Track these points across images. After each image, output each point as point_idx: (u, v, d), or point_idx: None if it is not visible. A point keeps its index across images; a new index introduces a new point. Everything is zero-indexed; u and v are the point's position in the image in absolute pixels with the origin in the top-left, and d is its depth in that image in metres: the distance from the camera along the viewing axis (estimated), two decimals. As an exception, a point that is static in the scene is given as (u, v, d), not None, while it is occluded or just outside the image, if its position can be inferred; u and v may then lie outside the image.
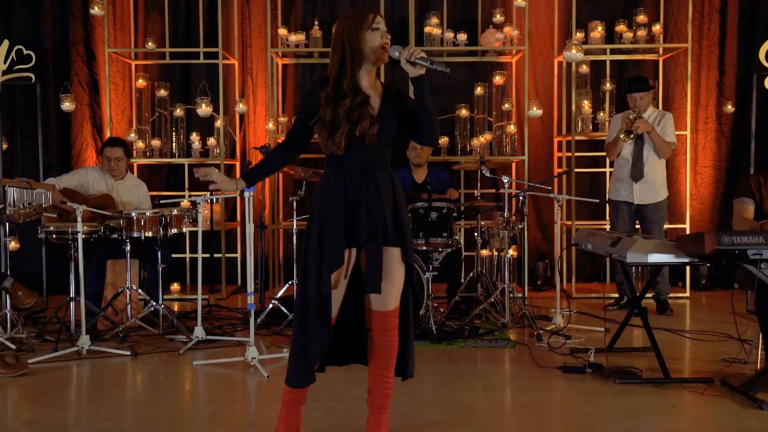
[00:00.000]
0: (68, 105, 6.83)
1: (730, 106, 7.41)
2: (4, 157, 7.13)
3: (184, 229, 5.53)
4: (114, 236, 5.31)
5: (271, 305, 5.68)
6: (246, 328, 5.49)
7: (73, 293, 5.13)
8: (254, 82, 7.80)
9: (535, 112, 6.80)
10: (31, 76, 6.00)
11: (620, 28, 7.19)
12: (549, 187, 5.68)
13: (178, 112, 7.40)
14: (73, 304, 5.19)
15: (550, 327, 5.43)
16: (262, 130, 7.64)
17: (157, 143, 7.37)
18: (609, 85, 7.36)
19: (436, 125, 3.01)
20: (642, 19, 7.17)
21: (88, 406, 3.94)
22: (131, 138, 7.22)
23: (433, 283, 5.46)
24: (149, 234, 5.25)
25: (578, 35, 7.12)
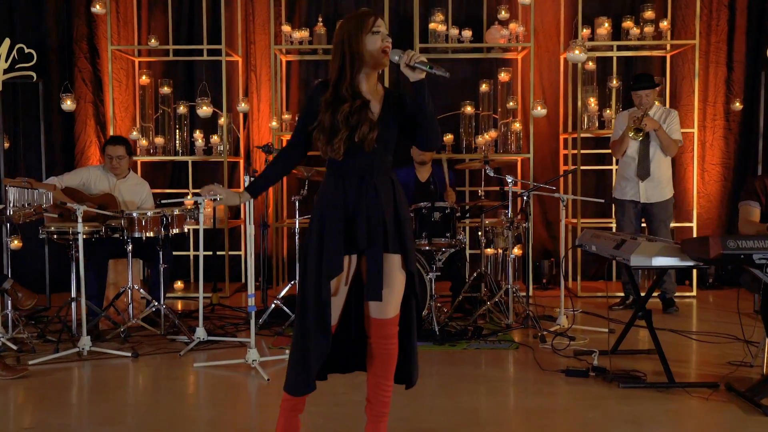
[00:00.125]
0: (69, 104, 6.81)
1: (738, 104, 7.33)
2: (7, 156, 7.11)
3: (186, 229, 5.50)
4: (116, 236, 5.30)
5: (273, 305, 5.66)
6: (249, 327, 5.48)
7: (74, 293, 5.12)
8: (258, 79, 7.75)
9: (539, 112, 6.73)
10: (33, 75, 5.97)
11: (627, 24, 7.10)
12: (554, 188, 5.63)
13: (182, 109, 7.36)
14: (74, 305, 5.18)
15: (554, 328, 5.38)
16: (266, 128, 7.59)
17: (160, 141, 7.34)
18: (615, 82, 7.28)
19: (437, 130, 2.96)
20: (649, 15, 7.08)
21: (87, 410, 3.92)
22: (133, 136, 7.19)
23: (437, 282, 5.43)
24: (150, 234, 5.23)
25: (584, 32, 7.04)
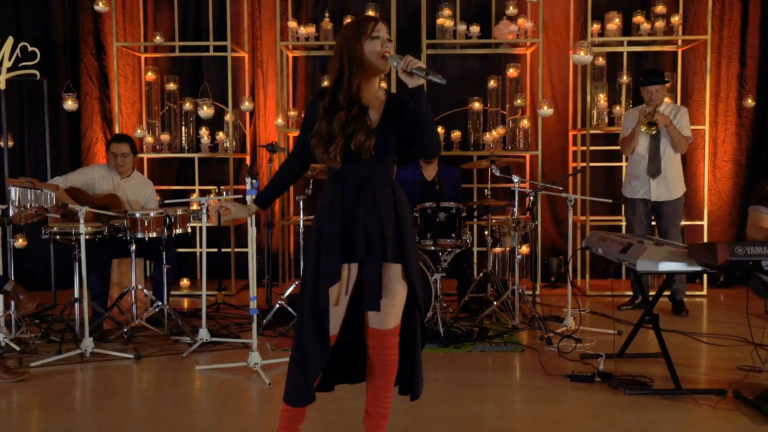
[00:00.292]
0: (70, 104, 6.76)
1: (750, 100, 7.21)
2: (12, 155, 7.10)
3: (189, 229, 5.46)
4: (119, 236, 5.28)
5: (277, 305, 5.62)
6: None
7: (77, 294, 5.09)
8: (265, 75, 7.69)
9: (546, 111, 6.64)
10: (36, 74, 5.96)
11: (638, 19, 6.99)
12: (560, 188, 5.55)
13: (188, 105, 7.32)
14: (77, 305, 5.15)
15: (560, 329, 5.32)
16: (273, 124, 7.53)
17: (166, 137, 7.30)
18: (626, 78, 7.17)
19: (435, 138, 2.88)
20: (660, 9, 6.96)
21: (87, 417, 3.88)
22: (138, 135, 7.15)
23: (443, 279, 5.38)
24: (153, 234, 5.20)
25: (594, 27, 6.94)
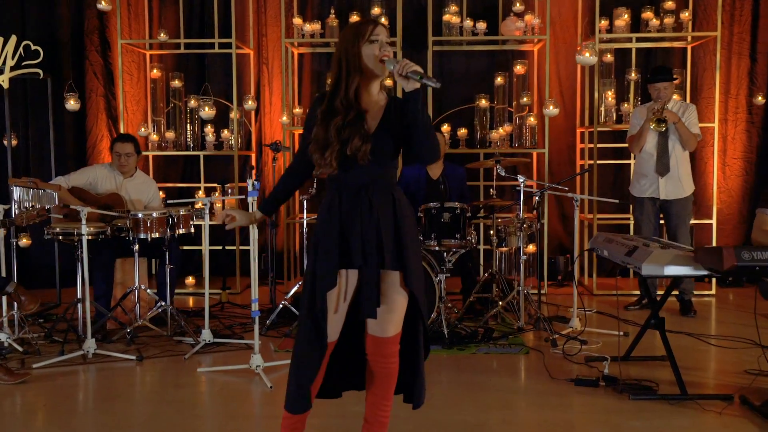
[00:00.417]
0: (73, 104, 6.71)
1: (761, 97, 7.10)
2: (17, 153, 7.09)
3: (193, 229, 5.43)
4: (122, 235, 5.26)
5: (281, 305, 5.59)
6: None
7: (80, 294, 5.08)
8: (270, 72, 7.65)
9: (551, 111, 6.56)
10: (40, 72, 5.94)
11: (647, 15, 6.90)
12: (566, 188, 5.49)
13: (192, 103, 7.28)
14: (80, 305, 5.14)
15: (566, 331, 5.27)
16: (278, 121, 7.49)
17: (171, 135, 7.27)
18: (634, 75, 7.09)
19: (432, 142, 2.82)
20: (669, 5, 6.88)
21: (86, 421, 3.86)
22: (142, 133, 7.12)
23: (448, 278, 5.34)
24: (156, 235, 5.17)
25: (602, 23, 6.86)
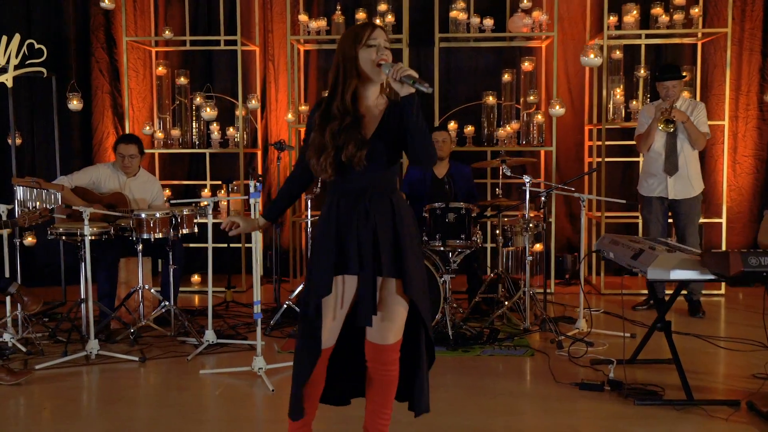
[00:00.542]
0: (75, 104, 6.68)
1: (772, 94, 7.03)
2: (23, 152, 7.09)
3: (196, 229, 5.40)
4: (126, 235, 5.24)
5: (285, 305, 5.56)
6: (262, 327, 5.38)
7: (83, 294, 5.06)
8: (276, 69, 7.61)
9: (557, 111, 6.50)
10: (43, 71, 5.92)
11: (656, 11, 6.81)
12: (572, 188, 5.43)
13: (198, 100, 7.25)
14: (84, 305, 5.13)
15: (572, 332, 5.21)
16: (284, 119, 7.45)
17: (176, 133, 7.24)
18: (643, 72, 7.00)
19: (427, 147, 2.77)
20: (679, 1, 6.78)
21: (88, 423, 3.84)
22: (146, 132, 7.10)
23: (455, 275, 5.31)
24: (159, 235, 5.15)
25: (611, 19, 6.77)
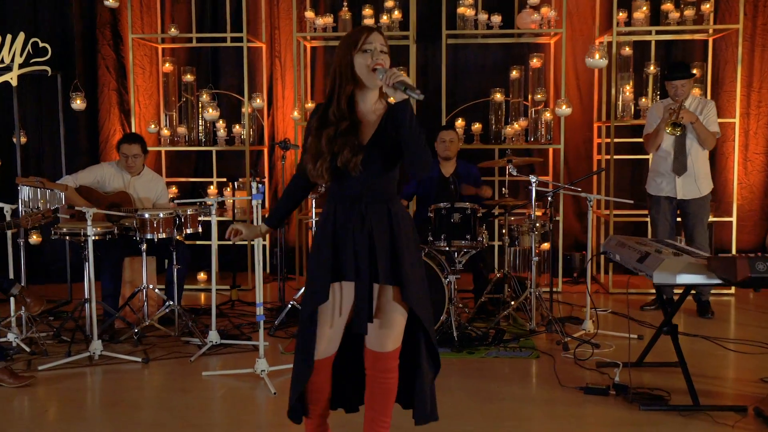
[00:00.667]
0: (79, 103, 6.65)
1: (783, 91, 6.93)
2: (30, 150, 7.08)
3: (200, 228, 5.38)
4: (130, 234, 5.22)
5: (290, 305, 5.54)
6: (266, 327, 5.37)
7: (87, 294, 5.05)
8: (283, 66, 7.57)
9: (564, 110, 6.42)
10: (48, 70, 5.90)
11: (666, 7, 6.71)
12: (579, 189, 5.36)
13: (205, 97, 7.22)
14: (88, 306, 5.11)
15: (578, 333, 5.16)
16: (291, 116, 7.41)
17: (183, 130, 7.22)
18: (653, 68, 6.92)
19: (422, 155, 2.71)
20: (691, -4, 6.71)
21: (88, 426, 3.83)
22: (151, 130, 7.08)
23: (462, 273, 5.27)
24: (163, 235, 5.13)
25: (620, 15, 6.69)
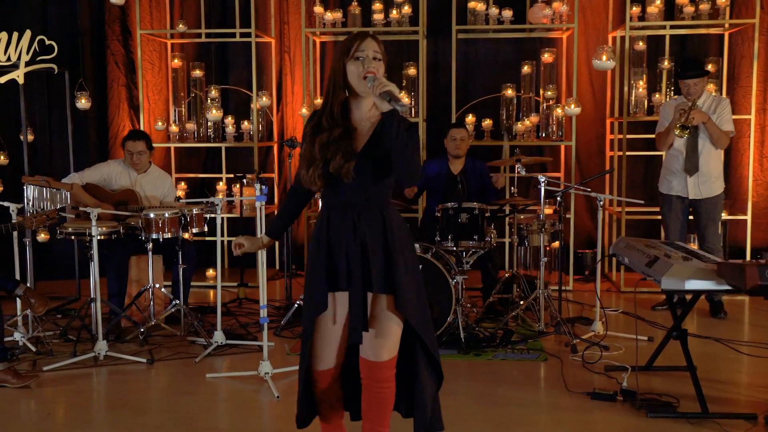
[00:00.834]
0: (84, 102, 6.60)
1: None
2: (39, 148, 7.07)
3: (206, 228, 5.35)
4: (136, 233, 5.20)
5: (296, 304, 5.51)
6: (272, 328, 5.35)
7: (93, 294, 5.04)
8: (292, 61, 7.51)
9: (573, 110, 6.33)
10: (54, 67, 5.89)
11: (681, 1, 6.59)
12: (588, 189, 5.28)
13: (213, 93, 7.18)
14: (93, 305, 5.11)
15: (587, 335, 5.10)
16: (299, 113, 7.36)
17: (191, 126, 7.19)
18: (667, 63, 6.80)
19: (411, 166, 2.65)
20: (705, -10, 6.58)
21: (91, 430, 3.82)
22: (159, 128, 7.05)
23: (469, 272, 5.23)
24: (168, 235, 5.10)
25: (634, 9, 6.58)
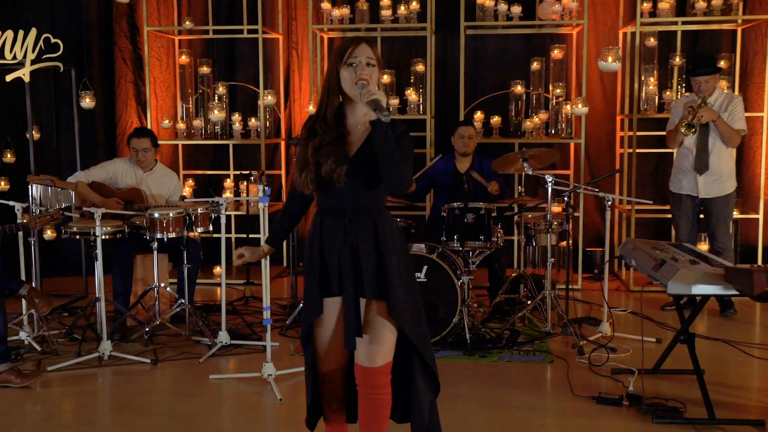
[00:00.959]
0: (88, 102, 6.56)
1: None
2: (47, 146, 7.06)
3: (211, 227, 5.33)
4: (141, 232, 5.19)
5: (301, 304, 5.47)
6: (277, 327, 5.34)
7: (97, 293, 5.03)
8: (300, 57, 7.47)
9: (581, 110, 6.26)
10: (60, 66, 5.88)
11: (693, -4, 6.53)
12: (596, 189, 5.22)
13: (221, 89, 7.16)
14: (98, 305, 5.10)
15: (595, 336, 5.04)
16: (306, 110, 7.32)
17: (198, 123, 7.16)
18: (678, 60, 6.71)
19: (400, 175, 2.62)
20: (718, -14, 6.49)
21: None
22: (165, 125, 7.03)
23: (476, 271, 5.19)
24: (173, 235, 5.08)
25: (645, 5, 6.50)
